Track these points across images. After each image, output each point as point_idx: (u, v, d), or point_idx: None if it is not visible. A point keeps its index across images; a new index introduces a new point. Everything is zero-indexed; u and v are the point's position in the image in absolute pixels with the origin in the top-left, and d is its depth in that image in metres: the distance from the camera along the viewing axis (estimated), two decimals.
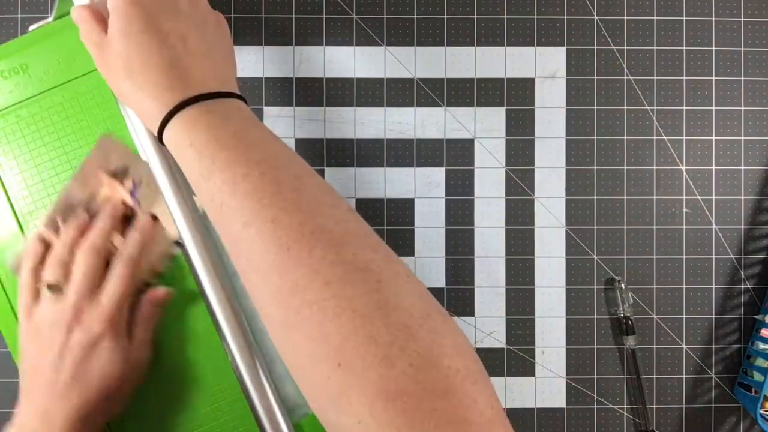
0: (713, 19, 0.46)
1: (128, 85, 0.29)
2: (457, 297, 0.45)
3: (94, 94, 0.41)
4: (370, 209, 0.45)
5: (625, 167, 0.46)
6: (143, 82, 0.28)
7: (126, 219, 0.36)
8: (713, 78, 0.46)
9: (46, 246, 0.35)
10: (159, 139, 0.29)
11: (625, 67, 0.46)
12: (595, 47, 0.46)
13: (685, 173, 0.46)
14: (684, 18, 0.46)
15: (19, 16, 0.45)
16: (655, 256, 0.46)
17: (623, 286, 0.45)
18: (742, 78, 0.46)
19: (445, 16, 0.46)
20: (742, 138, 0.46)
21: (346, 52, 0.45)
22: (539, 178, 0.46)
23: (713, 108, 0.46)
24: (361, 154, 0.45)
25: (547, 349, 0.45)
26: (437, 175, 0.46)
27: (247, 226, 0.24)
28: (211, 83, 0.29)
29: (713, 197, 0.46)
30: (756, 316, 0.45)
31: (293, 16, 0.45)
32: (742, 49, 0.46)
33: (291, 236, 0.23)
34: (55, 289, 0.33)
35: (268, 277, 0.24)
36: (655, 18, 0.46)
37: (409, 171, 0.46)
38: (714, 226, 0.46)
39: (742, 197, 0.46)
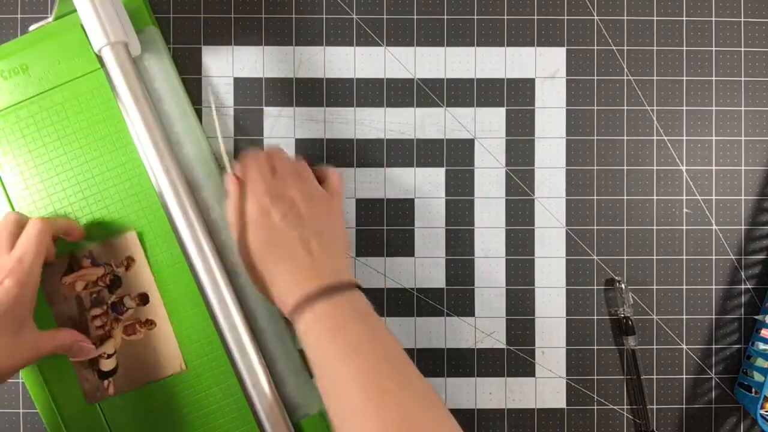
0: (713, 19, 0.46)
1: (264, 269, 0.36)
2: (457, 297, 0.45)
3: (94, 94, 0.41)
4: (370, 209, 0.45)
5: (625, 167, 0.46)
6: (277, 271, 0.36)
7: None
8: (713, 78, 0.46)
9: None
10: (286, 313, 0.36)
11: (625, 67, 0.46)
12: (595, 47, 0.46)
13: (685, 173, 0.46)
14: (684, 18, 0.46)
15: (19, 16, 0.45)
16: (655, 257, 0.46)
17: (623, 286, 0.45)
18: (742, 78, 0.46)
19: (445, 16, 0.46)
20: (742, 138, 0.46)
21: (346, 52, 0.45)
22: (539, 178, 0.46)
23: (713, 108, 0.46)
24: (361, 154, 0.45)
25: (547, 349, 0.45)
26: (437, 175, 0.46)
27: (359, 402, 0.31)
28: (329, 278, 0.35)
29: (713, 197, 0.46)
30: (756, 317, 0.45)
31: (293, 16, 0.45)
32: (742, 49, 0.46)
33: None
34: None
35: None
36: (655, 18, 0.46)
37: (409, 171, 0.46)
38: (714, 227, 0.46)
39: (742, 197, 0.46)
